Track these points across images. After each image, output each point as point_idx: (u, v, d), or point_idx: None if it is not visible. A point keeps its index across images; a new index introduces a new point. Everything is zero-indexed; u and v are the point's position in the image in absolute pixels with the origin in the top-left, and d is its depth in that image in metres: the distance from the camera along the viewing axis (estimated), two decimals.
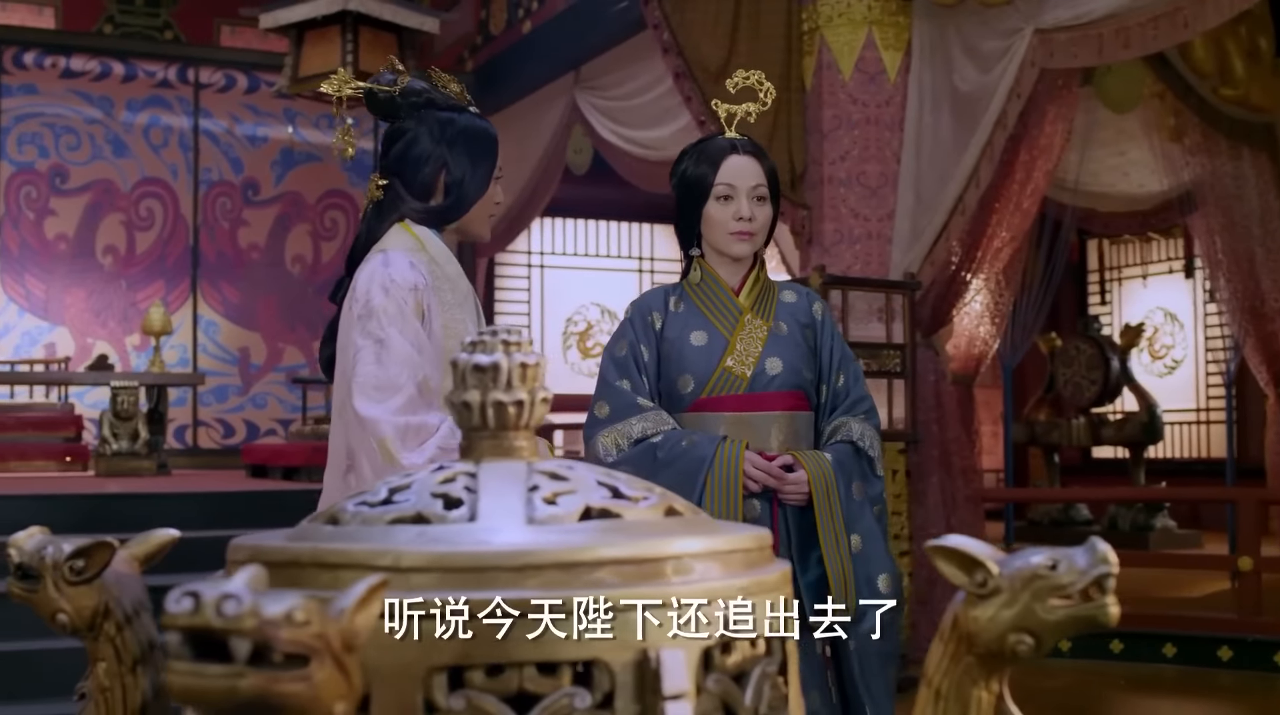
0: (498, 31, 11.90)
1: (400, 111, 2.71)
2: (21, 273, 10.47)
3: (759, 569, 1.26)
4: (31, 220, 10.54)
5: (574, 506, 1.23)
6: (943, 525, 6.82)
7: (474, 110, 2.78)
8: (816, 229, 7.19)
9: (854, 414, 2.90)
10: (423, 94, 2.70)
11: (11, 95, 10.50)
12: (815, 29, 7.24)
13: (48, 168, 10.56)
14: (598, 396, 2.87)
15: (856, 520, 2.79)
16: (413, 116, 2.69)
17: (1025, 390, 13.21)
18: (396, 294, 2.47)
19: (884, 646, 2.75)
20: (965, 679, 1.23)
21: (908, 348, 6.08)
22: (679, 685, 1.12)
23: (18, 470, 8.68)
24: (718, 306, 2.91)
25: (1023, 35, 6.41)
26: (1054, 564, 1.20)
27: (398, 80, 2.71)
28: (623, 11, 8.82)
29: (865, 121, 7.13)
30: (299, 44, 9.86)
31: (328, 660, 0.91)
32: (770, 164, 2.97)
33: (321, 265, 11.50)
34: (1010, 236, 6.98)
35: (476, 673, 1.11)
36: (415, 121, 2.68)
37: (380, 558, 1.14)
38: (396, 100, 2.70)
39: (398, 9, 9.89)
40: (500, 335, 1.32)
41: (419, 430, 2.38)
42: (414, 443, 2.36)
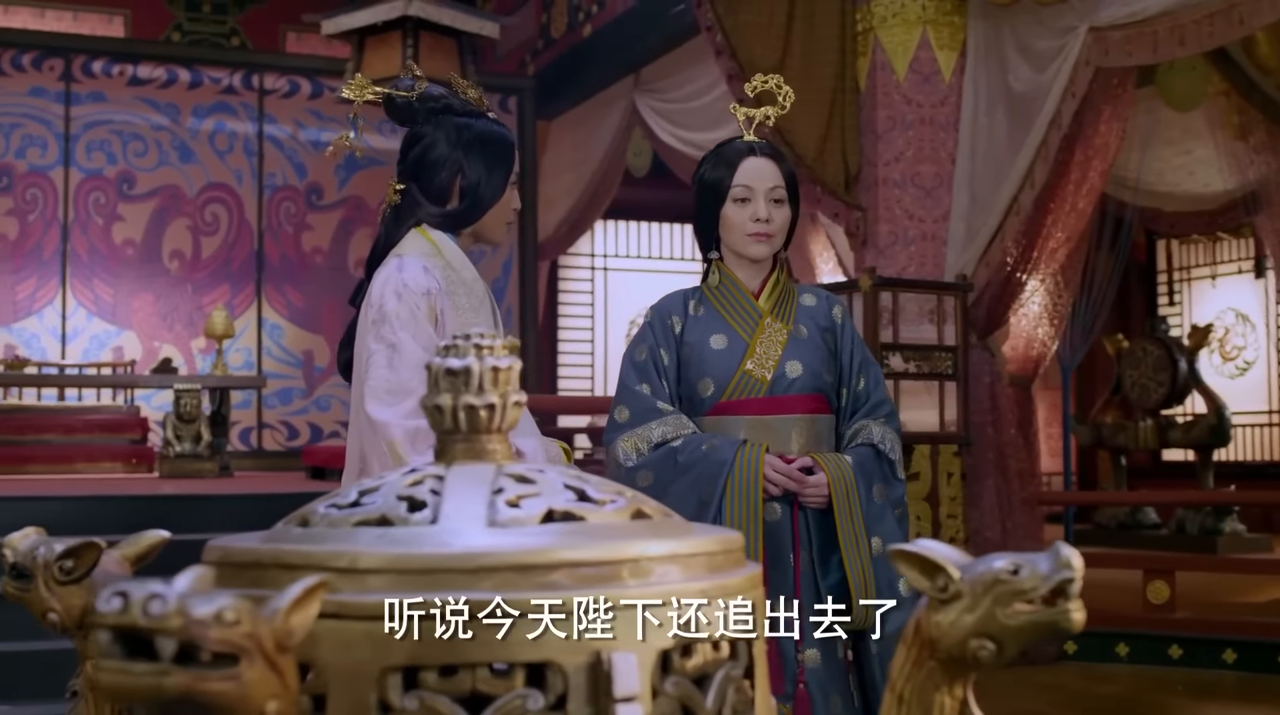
0: (558, 35, 11.95)
1: (418, 117, 2.73)
2: (90, 278, 10.64)
3: (723, 572, 1.26)
4: (100, 226, 10.71)
5: (536, 509, 1.23)
6: (998, 528, 6.77)
7: (492, 116, 2.79)
8: (871, 230, 7.16)
9: (875, 417, 2.89)
10: (440, 99, 2.72)
11: (80, 103, 10.67)
12: (869, 29, 7.22)
13: (115, 174, 10.72)
14: (617, 401, 2.88)
15: (877, 523, 2.78)
16: (430, 122, 2.71)
17: (1094, 392, 13.06)
18: (409, 299, 2.50)
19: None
20: (928, 684, 1.22)
21: (960, 349, 6.04)
22: (629, 688, 1.12)
23: (85, 471, 8.82)
24: (737, 310, 2.90)
25: (1077, 34, 6.35)
26: (1016, 569, 1.19)
27: (415, 86, 2.74)
28: (681, 14, 8.83)
29: (920, 122, 7.10)
30: (360, 49, 9.97)
31: (258, 659, 0.92)
32: (788, 167, 2.96)
33: None
34: (1066, 237, 6.92)
35: (430, 673, 1.12)
36: (432, 127, 2.70)
37: (337, 559, 1.15)
38: (414, 105, 2.73)
39: (457, 14, 9.96)
40: (473, 339, 1.33)
41: (429, 434, 2.38)
42: (424, 446, 2.38)
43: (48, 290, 10.55)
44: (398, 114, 2.75)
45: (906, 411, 5.91)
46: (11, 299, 10.45)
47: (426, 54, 9.85)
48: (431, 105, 2.72)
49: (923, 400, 5.96)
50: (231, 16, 13.28)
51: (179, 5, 13.09)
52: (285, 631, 0.95)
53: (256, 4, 13.32)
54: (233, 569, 1.23)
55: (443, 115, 2.71)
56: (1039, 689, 6.21)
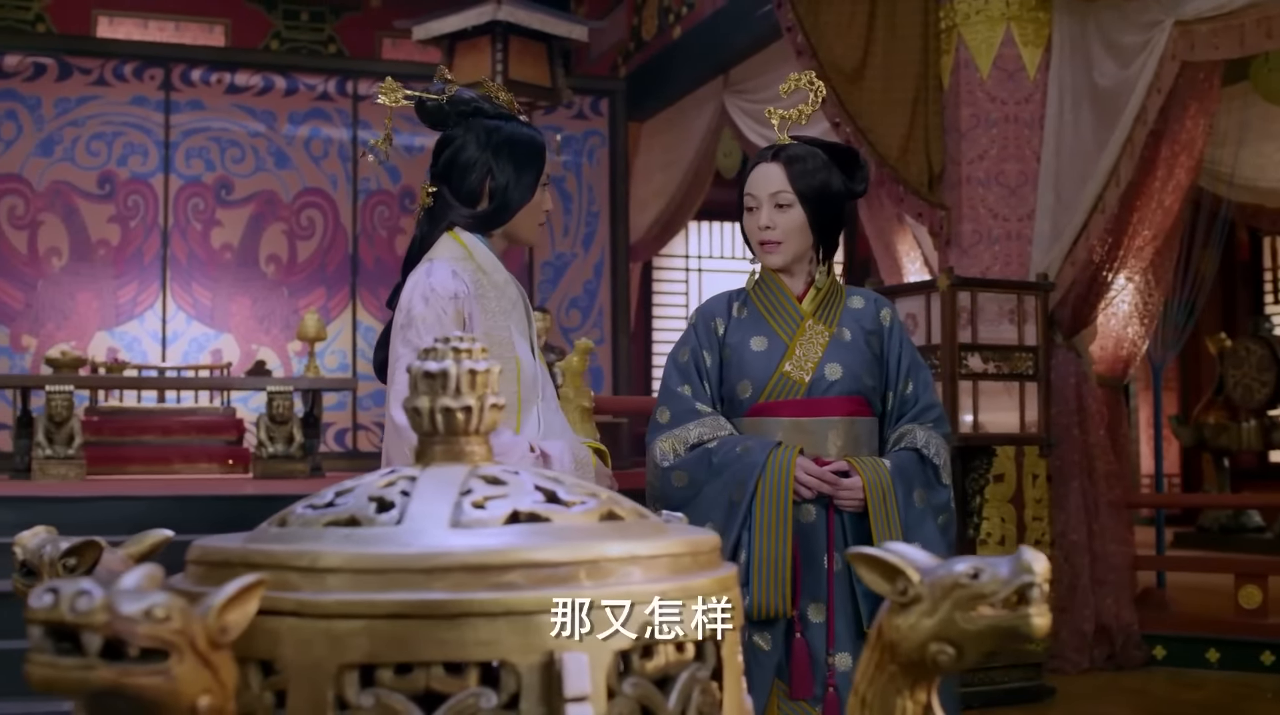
0: (649, 38, 11.98)
1: (449, 120, 2.76)
2: (189, 282, 10.87)
3: (689, 574, 1.26)
4: (199, 231, 10.93)
5: (501, 511, 1.25)
6: (1084, 531, 6.67)
7: (523, 119, 2.82)
8: (955, 230, 7.10)
9: (921, 421, 2.84)
10: (471, 103, 2.74)
11: (179, 111, 10.90)
12: (953, 27, 7.15)
13: (214, 180, 10.93)
14: (660, 402, 2.89)
15: (916, 528, 2.74)
16: (461, 124, 2.74)
17: (1199, 393, 12.79)
18: (436, 303, 2.52)
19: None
20: (889, 688, 1.21)
21: (1040, 350, 5.95)
22: (580, 688, 1.13)
23: (182, 472, 9.01)
24: (780, 312, 2.88)
25: (1163, 27, 6.24)
26: (976, 573, 1.18)
27: (446, 89, 2.77)
28: (769, 14, 8.78)
29: (1004, 120, 7.02)
30: (451, 55, 10.05)
31: (189, 655, 0.95)
32: (803, 168, 2.86)
33: None
34: (1153, 235, 6.79)
35: (386, 671, 1.14)
36: (463, 129, 2.73)
37: (299, 559, 1.18)
38: (445, 109, 2.75)
39: (546, 18, 10.01)
40: (451, 343, 1.35)
41: None
42: None
43: (148, 294, 10.79)
44: (429, 117, 2.79)
45: (986, 413, 5.85)
46: (114, 303, 10.70)
47: (516, 58, 9.93)
48: (462, 108, 2.74)
49: (1003, 401, 5.89)
50: (328, 24, 13.46)
51: (277, 14, 13.30)
52: (218, 628, 0.98)
53: (352, 11, 13.50)
54: (207, 567, 1.26)
55: (473, 118, 2.74)
56: (1126, 694, 6.12)
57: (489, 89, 2.85)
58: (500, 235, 2.74)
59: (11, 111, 10.52)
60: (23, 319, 10.48)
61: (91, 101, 10.71)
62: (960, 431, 5.72)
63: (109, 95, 10.75)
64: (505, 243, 2.77)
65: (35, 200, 10.56)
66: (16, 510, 5.95)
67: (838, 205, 2.91)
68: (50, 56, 10.73)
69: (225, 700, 0.99)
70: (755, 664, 2.64)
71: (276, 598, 1.15)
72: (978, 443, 5.78)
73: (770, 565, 2.64)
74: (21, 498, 6.39)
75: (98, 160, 10.70)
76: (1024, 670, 5.80)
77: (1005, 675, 5.71)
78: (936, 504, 2.81)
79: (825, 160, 2.89)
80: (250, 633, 1.14)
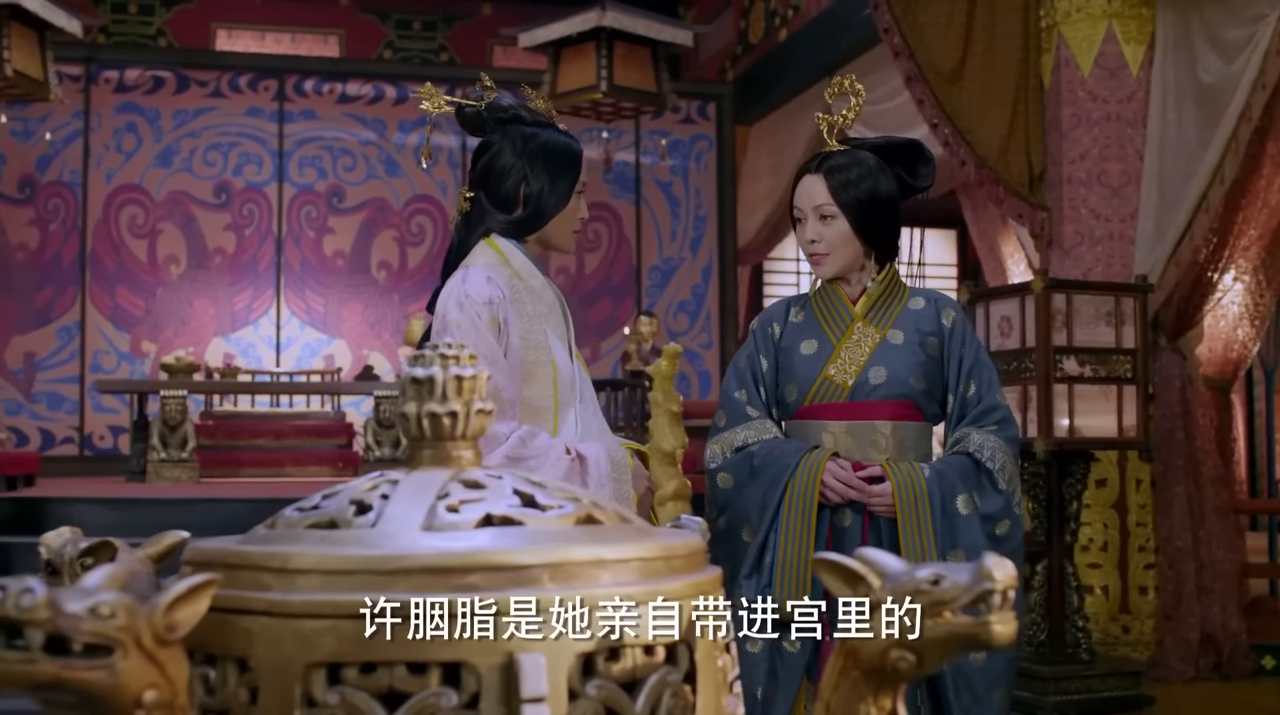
0: (756, 41, 11.97)
1: (487, 126, 2.79)
2: (302, 288, 11.10)
3: (660, 578, 1.27)
4: (312, 238, 11.16)
5: (474, 515, 1.27)
6: (1189, 537, 6.53)
7: (561, 127, 2.84)
8: (1056, 231, 7.00)
9: (982, 424, 2.79)
10: (508, 110, 2.78)
11: (293, 121, 11.14)
12: (1053, 25, 7.05)
13: (326, 188, 11.16)
14: (719, 406, 2.92)
15: (960, 535, 2.70)
16: (498, 131, 2.77)
17: None
18: (470, 308, 2.56)
19: (990, 668, 2.66)
20: (853, 694, 1.22)
21: (1139, 352, 5.84)
22: (537, 689, 1.15)
23: (293, 475, 9.21)
24: (832, 315, 2.88)
25: (1268, 22, 6.09)
26: (937, 579, 1.17)
27: (485, 96, 2.80)
28: (873, 16, 8.76)
29: (1106, 119, 6.91)
30: (556, 61, 10.13)
31: (133, 651, 0.99)
32: (844, 178, 2.83)
33: (584, 276, 11.77)
34: (1259, 234, 6.62)
35: (351, 670, 1.17)
36: (500, 136, 2.76)
37: (271, 560, 1.21)
38: (483, 115, 2.79)
39: (651, 23, 10.04)
40: (440, 349, 1.38)
41: (486, 440, 2.45)
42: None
43: (263, 301, 11.04)
44: (467, 123, 2.83)
45: (1082, 417, 5.75)
46: (230, 310, 10.97)
47: (621, 63, 9.98)
48: (500, 115, 2.78)
49: (1100, 405, 5.78)
50: (440, 33, 13.66)
51: (390, 23, 13.53)
52: (165, 626, 1.01)
53: (464, 19, 13.68)
54: (194, 568, 1.29)
55: (510, 125, 2.77)
56: (1230, 705, 5.98)
57: (529, 96, 2.88)
58: (535, 241, 2.77)
59: (132, 124, 10.84)
60: (142, 325, 10.79)
61: (208, 113, 11.00)
62: (1055, 436, 5.64)
63: (225, 106, 11.03)
64: (540, 248, 2.80)
65: (154, 210, 10.87)
66: (130, 512, 6.14)
67: (888, 209, 2.87)
68: (168, 70, 11.03)
69: (173, 695, 1.02)
70: (783, 665, 2.65)
71: (250, 598, 1.19)
72: (1073, 447, 5.68)
73: (793, 567, 2.64)
74: (135, 500, 6.59)
75: (214, 170, 10.98)
76: (1122, 679, 5.69)
77: (1102, 684, 5.61)
78: (989, 510, 2.75)
79: (873, 166, 2.85)
80: (226, 631, 1.19)
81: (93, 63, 10.86)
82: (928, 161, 2.95)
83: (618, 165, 11.65)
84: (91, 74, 10.83)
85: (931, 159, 2.97)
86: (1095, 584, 6.56)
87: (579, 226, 2.79)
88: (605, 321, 11.75)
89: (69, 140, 10.72)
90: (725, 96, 12.04)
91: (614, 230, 11.89)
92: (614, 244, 11.90)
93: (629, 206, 11.94)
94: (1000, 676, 2.69)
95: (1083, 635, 5.75)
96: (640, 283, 11.91)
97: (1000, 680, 2.69)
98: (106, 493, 7.05)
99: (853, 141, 2.96)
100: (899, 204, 2.89)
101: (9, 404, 10.46)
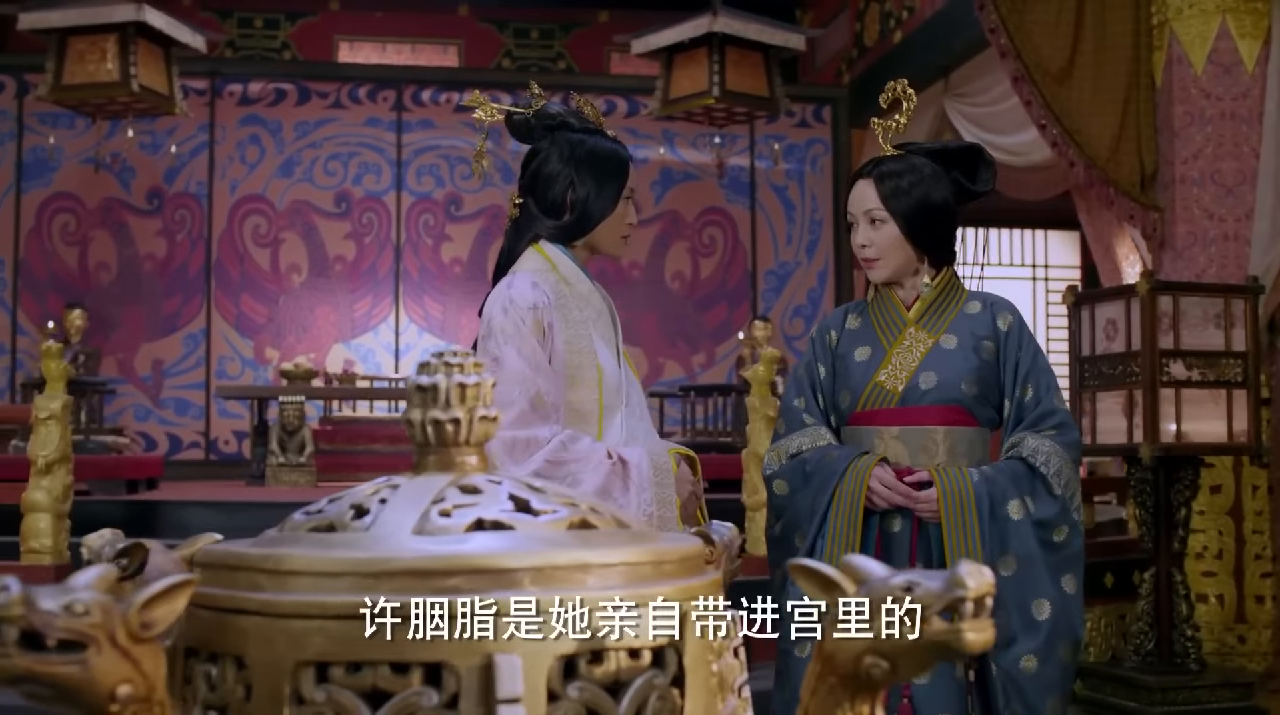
0: (871, 43, 11.90)
1: (535, 133, 2.83)
2: (421, 295, 11.28)
3: (647, 583, 1.29)
4: (430, 246, 11.34)
5: (465, 519, 1.30)
6: None
7: (610, 134, 2.87)
8: (1168, 232, 6.86)
9: (1039, 429, 2.76)
10: (556, 117, 2.81)
11: (411, 131, 11.34)
12: (1164, 22, 6.92)
13: (443, 197, 11.33)
14: (779, 414, 2.94)
15: (1009, 541, 2.68)
16: (547, 138, 2.81)
17: None
18: (514, 313, 2.59)
19: (1043, 677, 2.62)
20: (830, 700, 1.22)
21: (1250, 355, 5.70)
22: (512, 689, 1.18)
23: None
24: (886, 321, 2.88)
25: None
26: (909, 586, 1.18)
27: (534, 103, 2.84)
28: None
29: (1220, 117, 6.76)
30: (669, 67, 10.16)
31: (106, 647, 1.04)
32: (895, 184, 2.83)
33: (700, 281, 11.80)
34: None
35: (338, 669, 1.21)
36: (549, 143, 2.80)
37: (265, 562, 1.26)
38: (531, 122, 2.83)
39: (763, 28, 10.03)
40: (444, 357, 1.41)
41: (527, 444, 2.48)
42: (521, 456, 2.46)
43: (382, 308, 11.25)
44: (517, 131, 2.87)
45: (1191, 422, 5.63)
46: (350, 316, 11.19)
47: (733, 69, 9.99)
48: (548, 123, 2.81)
49: (1209, 410, 5.65)
50: (557, 41, 13.78)
51: (509, 32, 13.68)
52: (140, 623, 1.06)
53: (581, 27, 13.78)
54: (201, 568, 1.35)
55: (558, 132, 2.80)
56: None
57: (579, 103, 2.91)
58: (583, 246, 2.80)
59: (255, 136, 11.11)
60: (266, 332, 11.06)
61: (328, 124, 11.24)
62: (1162, 441, 5.53)
63: (345, 117, 11.26)
64: (588, 253, 2.83)
65: (277, 219, 11.13)
66: (242, 514, 6.30)
67: (940, 215, 2.86)
68: (290, 82, 11.29)
69: (149, 690, 1.07)
70: None
71: (245, 598, 1.24)
72: (1180, 453, 5.57)
73: None
74: (248, 503, 6.76)
75: (334, 180, 11.22)
76: (1234, 690, 5.56)
77: (1212, 695, 5.48)
78: (1043, 516, 2.72)
79: (926, 172, 2.84)
80: (225, 630, 1.25)
81: (217, 77, 11.16)
82: (988, 165, 2.94)
83: (732, 170, 11.66)
84: (216, 88, 11.13)
85: (992, 163, 2.96)
86: (1210, 592, 6.41)
87: (628, 232, 2.82)
88: (720, 326, 11.76)
89: (195, 152, 11.03)
90: (840, 100, 11.98)
91: (729, 235, 11.90)
92: (729, 249, 11.91)
93: (744, 211, 11.94)
94: (1054, 684, 2.65)
95: (1192, 645, 5.62)
96: (755, 287, 11.90)
97: (1054, 688, 2.65)
98: (222, 496, 7.25)
99: (909, 146, 2.95)
100: (953, 209, 2.88)
101: (138, 409, 10.79)
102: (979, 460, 2.80)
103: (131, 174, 10.90)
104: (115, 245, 10.98)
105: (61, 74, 9.01)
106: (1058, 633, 2.66)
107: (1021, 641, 2.61)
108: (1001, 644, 2.60)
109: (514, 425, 2.48)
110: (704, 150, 11.46)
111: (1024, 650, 2.60)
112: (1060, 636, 2.66)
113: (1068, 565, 2.70)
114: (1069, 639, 2.67)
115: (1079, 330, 5.99)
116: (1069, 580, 2.70)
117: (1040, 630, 2.63)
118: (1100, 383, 5.83)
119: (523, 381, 2.53)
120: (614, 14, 13.41)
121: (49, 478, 5.06)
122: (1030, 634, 2.62)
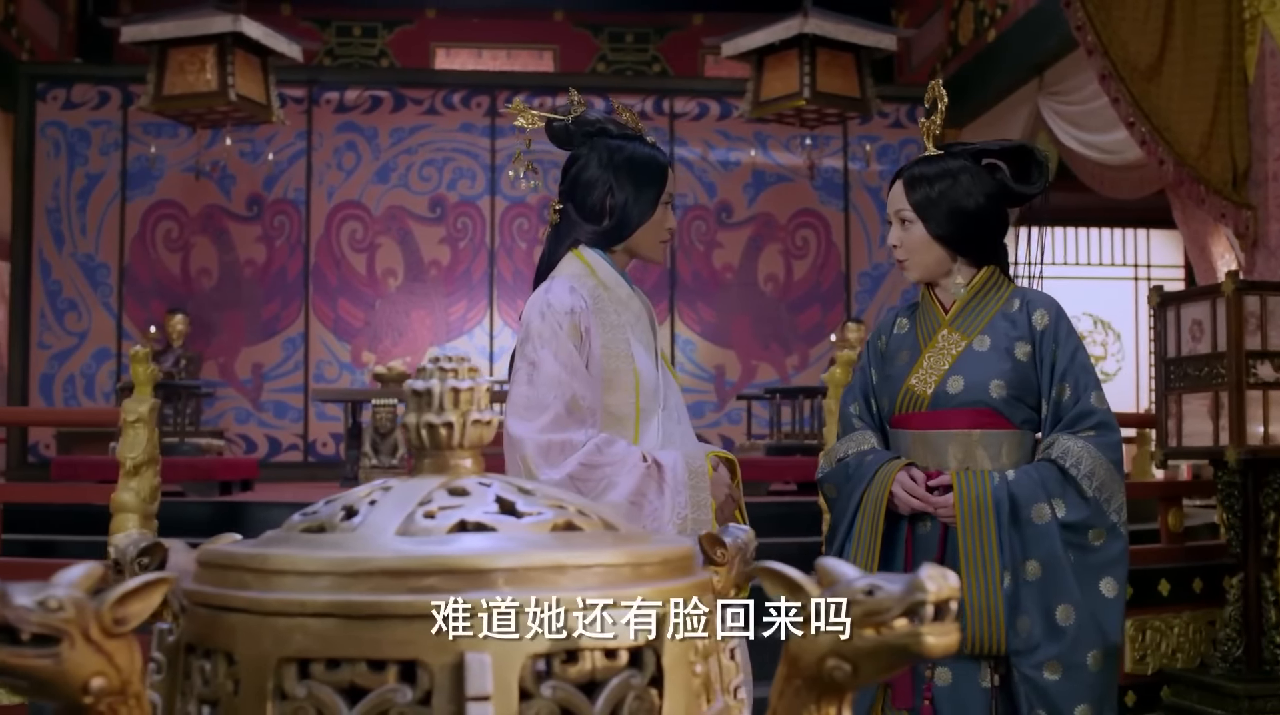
0: (966, 42, 11.80)
1: (575, 140, 2.87)
2: (515, 299, 11.32)
3: (625, 584, 1.31)
4: (524, 250, 11.41)
5: (449, 521, 1.34)
6: None
7: (650, 140, 2.89)
8: (1262, 230, 6.74)
9: (1076, 429, 2.71)
10: (595, 124, 2.85)
11: (504, 136, 11.44)
12: (1257, 16, 6.79)
13: (537, 201, 11.39)
14: (838, 418, 2.96)
15: (1034, 545, 2.65)
16: (586, 144, 2.84)
17: None
18: (551, 318, 2.62)
19: (1070, 684, 2.59)
20: (796, 702, 1.24)
21: None
22: (481, 687, 1.21)
23: None
24: (925, 325, 2.88)
25: None
26: (871, 590, 1.19)
27: (573, 110, 2.88)
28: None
29: None
30: (759, 69, 10.15)
31: (80, 642, 1.08)
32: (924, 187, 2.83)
33: (793, 283, 11.76)
34: None
35: (318, 666, 1.25)
36: (588, 149, 2.83)
37: (252, 561, 1.30)
38: (570, 129, 2.86)
39: (854, 29, 9.98)
40: (439, 362, 1.45)
41: (562, 447, 2.51)
42: (557, 459, 2.49)
43: (477, 311, 11.36)
44: (556, 137, 2.91)
45: (1279, 424, 5.52)
46: (445, 320, 11.32)
47: (824, 70, 9.95)
48: (587, 129, 2.85)
49: None
50: (652, 44, 13.83)
51: (603, 37, 13.75)
52: (113, 619, 1.10)
53: (676, 30, 13.82)
54: (199, 567, 1.40)
55: (597, 138, 2.84)
56: None
57: (619, 110, 2.94)
58: (622, 251, 2.83)
59: (351, 143, 11.29)
60: (362, 336, 11.23)
61: (423, 130, 11.38)
62: (1249, 443, 5.42)
63: (439, 123, 11.40)
64: (628, 258, 2.86)
65: (373, 224, 11.30)
66: None
67: (973, 216, 2.83)
68: (385, 89, 11.45)
69: (123, 683, 1.11)
70: None
71: (235, 596, 1.29)
72: (1268, 456, 5.46)
73: None
74: None
75: (429, 185, 11.36)
76: None
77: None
78: (1073, 519, 2.68)
79: (961, 174, 2.82)
80: (217, 627, 1.30)
81: (314, 85, 11.35)
82: (1039, 165, 2.91)
83: (825, 171, 11.61)
84: (313, 96, 11.32)
85: (1044, 163, 2.94)
86: None
87: (667, 237, 2.84)
88: (814, 328, 11.71)
89: (293, 160, 11.23)
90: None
91: (822, 237, 11.85)
92: (823, 250, 11.86)
93: (837, 213, 11.88)
94: (1081, 692, 2.61)
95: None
96: (849, 289, 11.84)
97: (1084, 696, 2.61)
98: (312, 498, 7.34)
99: (954, 147, 2.94)
100: (991, 210, 2.85)
101: (239, 412, 11.02)
102: (1017, 462, 2.77)
103: (231, 181, 11.12)
104: (216, 251, 11.22)
105: (162, 85, 9.23)
106: (1084, 639, 2.61)
107: (1044, 648, 2.58)
108: (1025, 649, 2.58)
109: (549, 428, 2.52)
110: (796, 152, 11.42)
111: (1046, 656, 2.58)
112: (1087, 643, 2.61)
113: (1107, 569, 2.65)
114: (1099, 646, 2.62)
115: (1164, 332, 5.90)
116: (1108, 584, 2.65)
117: (1064, 636, 2.59)
118: (1186, 385, 5.74)
119: (559, 385, 2.56)
120: (708, 17, 13.43)
121: (137, 479, 5.19)
122: (1053, 640, 2.59)
